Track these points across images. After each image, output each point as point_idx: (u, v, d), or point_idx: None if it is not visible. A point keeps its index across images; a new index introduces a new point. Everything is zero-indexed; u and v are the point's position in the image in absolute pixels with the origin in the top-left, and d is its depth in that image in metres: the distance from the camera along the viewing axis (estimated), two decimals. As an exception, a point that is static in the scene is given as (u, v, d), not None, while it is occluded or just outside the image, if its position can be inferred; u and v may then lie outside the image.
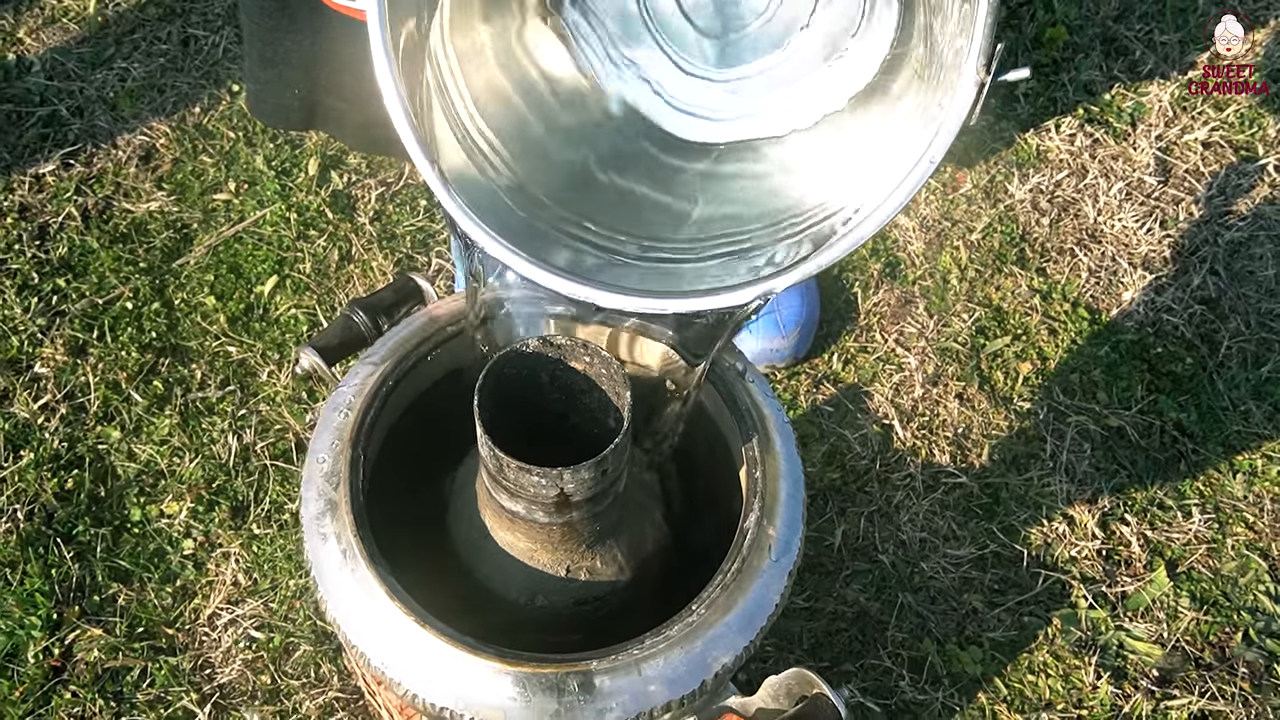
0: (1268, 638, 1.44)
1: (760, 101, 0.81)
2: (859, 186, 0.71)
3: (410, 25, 0.71)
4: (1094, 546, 1.50)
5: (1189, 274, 1.71)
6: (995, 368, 1.63)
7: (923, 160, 0.63)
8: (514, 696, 0.68)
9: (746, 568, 0.73)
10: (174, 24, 1.90)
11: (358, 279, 1.67)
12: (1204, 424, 1.59)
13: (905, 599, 1.46)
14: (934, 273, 1.71)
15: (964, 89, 0.61)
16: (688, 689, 0.70)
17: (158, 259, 1.68)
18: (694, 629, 0.70)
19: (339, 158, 1.77)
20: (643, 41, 0.82)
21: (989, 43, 0.60)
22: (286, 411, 1.55)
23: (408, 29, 0.70)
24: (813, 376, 1.62)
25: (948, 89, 0.64)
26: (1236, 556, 1.50)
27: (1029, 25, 1.93)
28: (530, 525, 0.72)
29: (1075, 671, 1.42)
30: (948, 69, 0.65)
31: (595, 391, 0.73)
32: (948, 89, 0.64)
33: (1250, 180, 1.79)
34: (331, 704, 1.37)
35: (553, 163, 0.81)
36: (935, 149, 0.63)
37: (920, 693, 1.40)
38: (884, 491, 1.53)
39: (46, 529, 1.46)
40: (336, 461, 0.75)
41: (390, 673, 0.70)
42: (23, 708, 1.35)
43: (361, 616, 0.71)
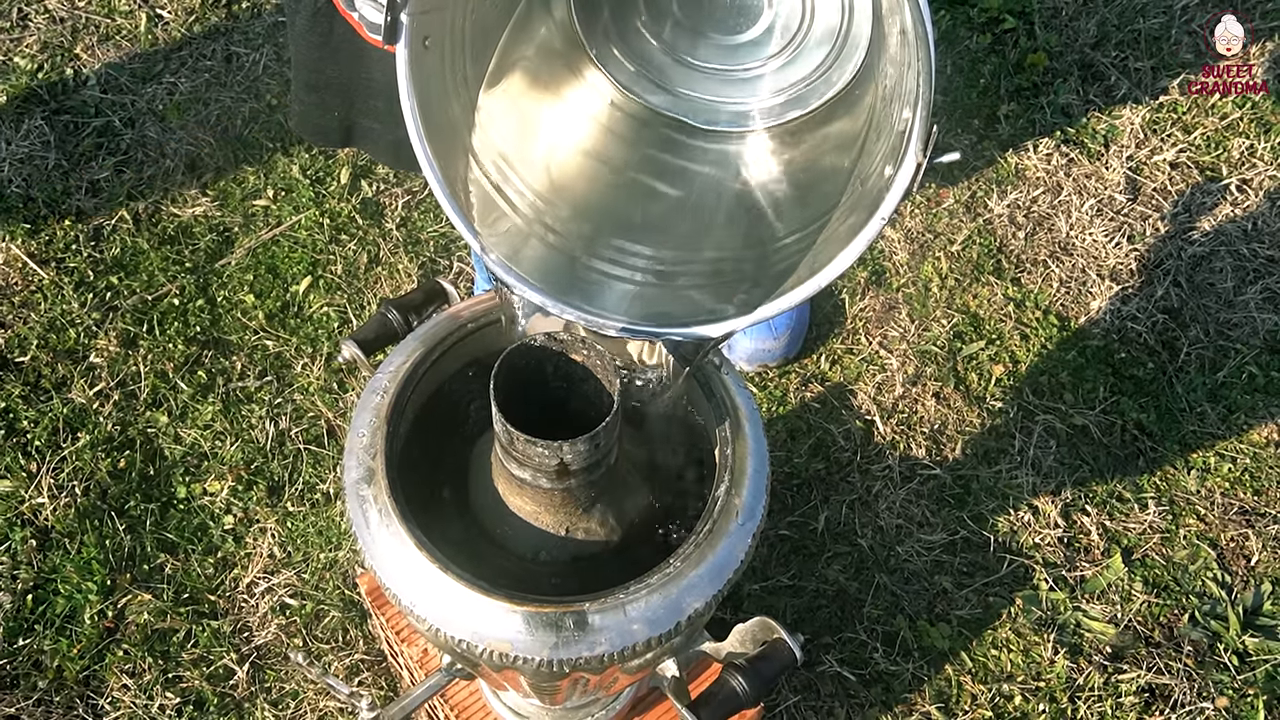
0: (1212, 619, 1.57)
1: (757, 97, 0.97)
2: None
3: (440, 79, 0.85)
4: (1056, 534, 1.63)
5: (1153, 285, 1.84)
6: (970, 369, 1.77)
7: (874, 217, 0.76)
8: (520, 631, 0.82)
9: (717, 529, 0.87)
10: (218, 42, 2.05)
11: (385, 280, 1.81)
12: (1162, 424, 1.72)
13: (881, 579, 1.60)
14: (916, 281, 1.84)
15: (906, 169, 0.74)
16: (665, 628, 0.84)
17: (202, 259, 1.83)
18: (671, 578, 0.84)
19: (369, 168, 1.92)
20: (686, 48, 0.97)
21: (926, 129, 0.73)
22: (319, 400, 1.70)
23: (437, 82, 0.85)
24: (802, 375, 1.76)
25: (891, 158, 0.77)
26: (1187, 545, 1.63)
27: (1012, 51, 2.07)
28: (535, 490, 0.87)
29: (1035, 647, 1.55)
30: (893, 135, 0.78)
31: (591, 380, 0.87)
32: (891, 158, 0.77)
33: (1214, 199, 1.92)
34: (358, 664, 1.52)
35: (589, 188, 0.97)
36: (885, 208, 0.76)
37: (893, 664, 1.53)
38: (864, 481, 1.67)
39: (101, 504, 1.61)
40: (374, 436, 0.89)
41: (418, 610, 0.84)
42: (80, 664, 1.50)
43: (394, 564, 0.85)
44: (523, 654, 0.82)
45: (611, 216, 0.96)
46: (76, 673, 1.49)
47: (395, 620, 1.32)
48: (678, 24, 0.97)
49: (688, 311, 0.88)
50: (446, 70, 0.87)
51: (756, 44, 0.96)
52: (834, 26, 0.92)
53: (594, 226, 0.94)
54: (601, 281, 0.91)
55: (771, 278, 0.86)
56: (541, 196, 0.94)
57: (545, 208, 0.93)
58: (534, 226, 0.92)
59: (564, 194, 0.95)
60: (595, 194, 0.97)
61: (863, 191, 0.83)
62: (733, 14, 0.95)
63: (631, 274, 0.92)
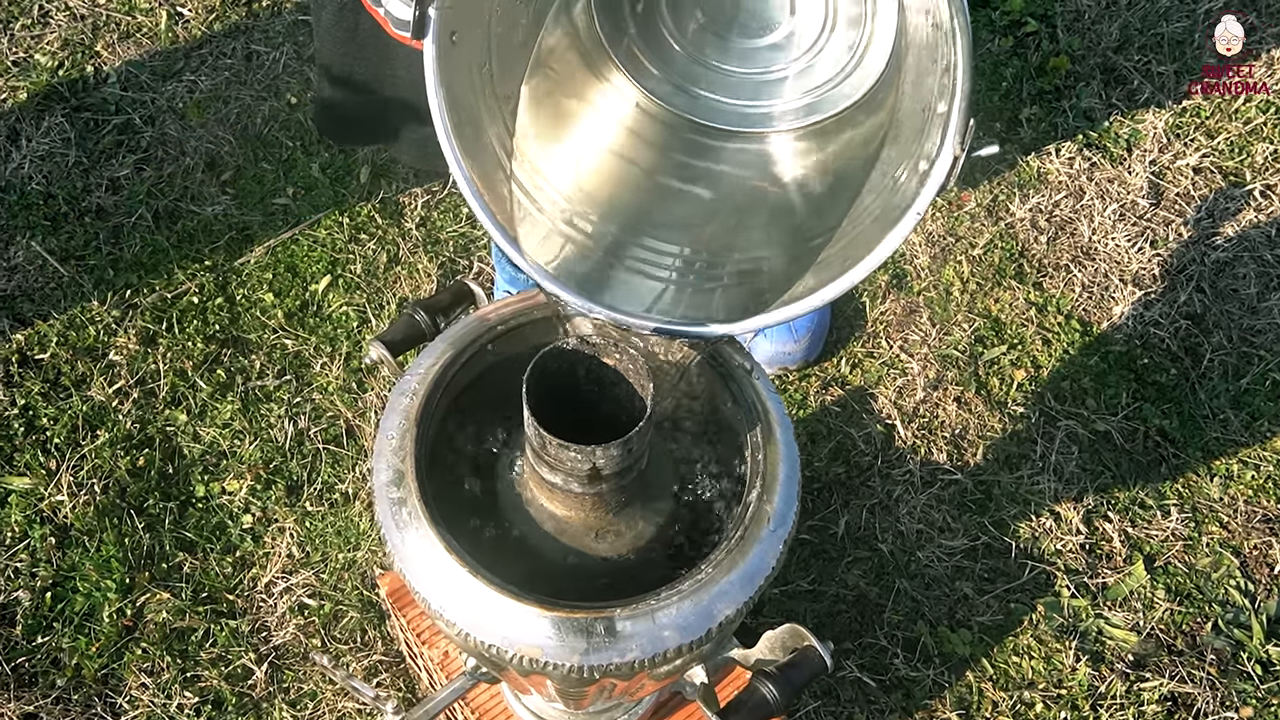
0: (1235, 628, 1.56)
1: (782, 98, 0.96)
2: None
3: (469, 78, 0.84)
4: (1078, 541, 1.62)
5: (1176, 291, 1.83)
6: (992, 374, 1.76)
7: (909, 213, 0.75)
8: (550, 636, 0.81)
9: (748, 535, 0.86)
10: (238, 40, 2.05)
11: (404, 280, 1.81)
12: (1185, 430, 1.71)
13: (902, 584, 1.59)
14: (938, 285, 1.83)
15: (943, 161, 0.73)
16: (696, 635, 0.83)
17: (221, 258, 1.82)
18: (702, 584, 0.84)
19: (388, 167, 1.92)
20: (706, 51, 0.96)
21: (964, 121, 0.72)
22: (338, 400, 1.69)
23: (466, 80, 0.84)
24: (822, 379, 1.75)
25: (923, 148, 0.76)
26: (1211, 553, 1.62)
27: (1034, 54, 2.06)
28: (566, 495, 0.86)
29: (1057, 654, 1.54)
30: (924, 129, 0.77)
31: (623, 384, 0.86)
32: (923, 148, 0.76)
33: (1237, 204, 1.91)
34: (376, 666, 1.51)
35: (617, 187, 0.96)
36: (920, 203, 0.75)
37: (913, 670, 1.53)
38: (885, 486, 1.66)
39: (120, 501, 1.61)
40: (403, 438, 0.89)
41: (447, 615, 0.83)
42: (99, 662, 1.49)
43: (424, 567, 0.84)
44: (553, 660, 0.81)
45: (640, 216, 0.95)
46: (95, 671, 1.49)
47: (416, 622, 1.31)
48: (701, 28, 0.97)
49: (719, 310, 0.87)
50: (474, 67, 0.87)
51: (779, 48, 0.96)
52: (857, 27, 0.92)
53: (622, 226, 0.93)
54: (631, 281, 0.90)
55: (801, 276, 0.86)
56: (569, 197, 0.93)
57: (573, 208, 0.93)
58: (562, 226, 0.91)
59: (592, 195, 0.95)
60: (623, 194, 0.97)
61: (894, 188, 0.82)
62: (755, 18, 0.95)
63: (662, 273, 0.91)
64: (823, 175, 0.96)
